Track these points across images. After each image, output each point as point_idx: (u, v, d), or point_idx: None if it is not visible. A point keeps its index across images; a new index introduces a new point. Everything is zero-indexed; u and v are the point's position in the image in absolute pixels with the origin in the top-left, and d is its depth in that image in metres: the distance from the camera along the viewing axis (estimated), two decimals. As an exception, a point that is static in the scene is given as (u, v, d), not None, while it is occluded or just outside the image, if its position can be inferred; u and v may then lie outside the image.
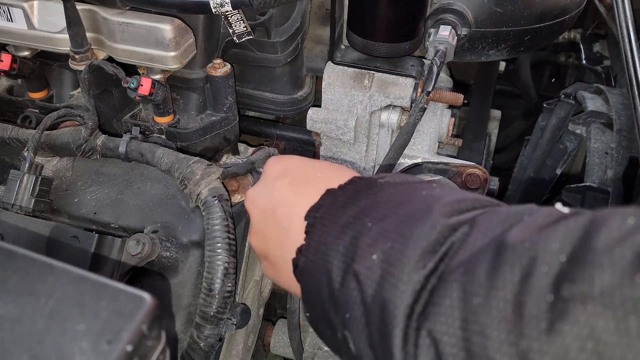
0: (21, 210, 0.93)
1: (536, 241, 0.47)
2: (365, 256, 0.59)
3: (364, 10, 1.02)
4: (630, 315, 0.40)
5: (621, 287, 0.41)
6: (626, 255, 0.41)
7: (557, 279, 0.44)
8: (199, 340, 0.87)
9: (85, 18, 0.99)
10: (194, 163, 0.93)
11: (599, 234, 0.44)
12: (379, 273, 0.57)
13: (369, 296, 0.57)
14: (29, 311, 0.56)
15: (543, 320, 0.43)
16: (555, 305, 0.43)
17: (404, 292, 0.53)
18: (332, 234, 0.64)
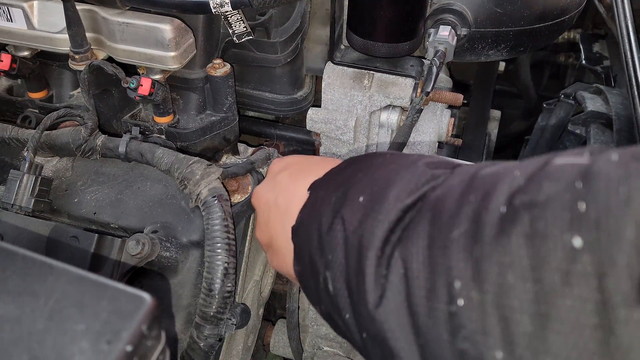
0: (21, 210, 0.93)
1: (502, 171, 0.52)
2: (353, 200, 0.64)
3: (363, 10, 1.02)
4: (573, 223, 0.43)
5: (563, 192, 0.45)
6: (573, 172, 0.45)
7: (512, 193, 0.48)
8: (199, 340, 0.87)
9: (85, 18, 0.99)
10: (193, 163, 0.93)
11: (555, 159, 0.49)
12: (362, 212, 0.61)
13: (350, 233, 0.61)
14: (29, 311, 0.55)
15: (495, 227, 0.47)
16: (507, 214, 0.47)
17: (382, 222, 0.58)
18: (327, 191, 0.69)
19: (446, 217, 0.53)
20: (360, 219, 0.61)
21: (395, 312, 0.54)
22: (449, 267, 0.50)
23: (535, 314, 0.44)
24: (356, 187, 0.66)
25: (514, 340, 0.45)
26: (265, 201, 0.83)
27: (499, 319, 0.46)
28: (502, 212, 0.48)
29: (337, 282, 0.63)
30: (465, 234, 0.50)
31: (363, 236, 0.60)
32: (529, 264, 0.44)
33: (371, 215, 0.60)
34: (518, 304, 0.44)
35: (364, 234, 0.60)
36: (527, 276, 0.44)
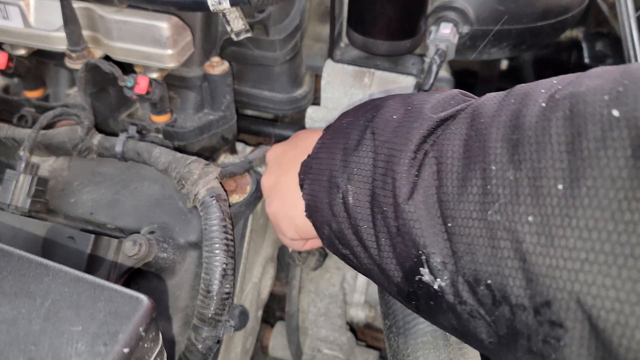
0: (17, 211, 0.92)
1: (541, 82, 0.56)
2: (386, 118, 0.67)
3: (364, 7, 1.01)
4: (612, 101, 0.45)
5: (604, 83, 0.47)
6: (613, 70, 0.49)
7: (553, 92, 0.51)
8: (197, 342, 0.86)
9: (81, 16, 0.98)
10: (191, 163, 0.92)
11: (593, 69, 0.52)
12: (396, 125, 0.65)
13: (381, 143, 0.65)
14: (25, 313, 0.55)
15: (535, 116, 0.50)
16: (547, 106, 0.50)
17: (417, 129, 0.61)
18: (356, 115, 0.75)
19: (485, 118, 0.55)
20: (392, 130, 0.64)
21: (424, 203, 0.57)
22: (485, 154, 0.52)
23: (567, 178, 0.45)
24: (388, 108, 0.68)
25: (546, 202, 0.46)
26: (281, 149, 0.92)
27: (531, 188, 0.48)
28: (543, 106, 0.50)
29: (359, 194, 0.66)
30: (504, 127, 0.52)
31: (395, 143, 0.62)
32: (566, 139, 0.46)
33: (405, 126, 0.63)
34: (552, 172, 0.46)
35: (396, 141, 0.62)
36: (563, 149, 0.46)
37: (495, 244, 0.50)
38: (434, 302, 0.58)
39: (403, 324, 0.80)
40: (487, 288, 0.51)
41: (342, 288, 1.39)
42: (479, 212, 0.51)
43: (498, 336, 0.53)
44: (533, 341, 0.49)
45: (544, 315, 0.47)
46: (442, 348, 0.77)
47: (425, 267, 0.57)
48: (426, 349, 0.77)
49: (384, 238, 0.62)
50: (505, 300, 0.50)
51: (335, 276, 1.39)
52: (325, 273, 1.39)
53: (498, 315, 0.51)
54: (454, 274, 0.54)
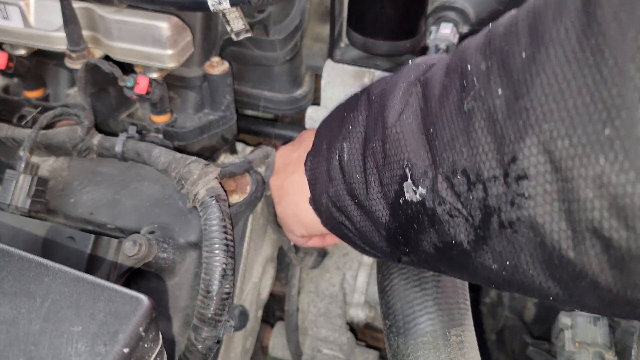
0: (17, 211, 0.92)
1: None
2: (382, 81, 0.74)
3: (364, 7, 1.01)
4: None
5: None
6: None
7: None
8: (197, 342, 0.86)
9: (81, 16, 0.98)
10: (191, 163, 0.92)
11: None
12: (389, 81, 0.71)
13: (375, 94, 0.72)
14: (25, 313, 0.55)
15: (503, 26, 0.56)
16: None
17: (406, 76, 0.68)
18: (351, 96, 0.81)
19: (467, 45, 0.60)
20: (385, 83, 0.72)
21: (410, 122, 0.63)
22: (463, 62, 0.57)
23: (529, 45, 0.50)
24: (386, 78, 0.75)
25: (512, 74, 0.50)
26: (287, 150, 0.98)
27: (500, 69, 0.52)
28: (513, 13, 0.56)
29: (352, 148, 0.72)
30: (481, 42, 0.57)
31: (386, 89, 0.69)
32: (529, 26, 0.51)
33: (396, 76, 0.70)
34: (517, 48, 0.51)
35: (388, 88, 0.69)
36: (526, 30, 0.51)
37: (470, 129, 0.54)
38: (416, 222, 0.63)
39: (403, 324, 0.80)
40: (463, 174, 0.55)
41: (342, 288, 1.39)
42: (457, 109, 0.56)
43: (474, 228, 0.56)
44: (503, 211, 0.52)
45: (511, 175, 0.50)
46: (442, 348, 0.77)
47: (409, 179, 0.62)
48: (426, 349, 0.77)
49: (373, 178, 0.68)
50: (479, 179, 0.54)
51: (335, 276, 1.39)
52: (325, 273, 1.39)
53: (472, 200, 0.55)
54: (433, 178, 0.59)
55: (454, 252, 0.60)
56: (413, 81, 0.66)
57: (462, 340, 0.78)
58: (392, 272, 0.85)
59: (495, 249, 0.55)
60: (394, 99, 0.66)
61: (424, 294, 0.81)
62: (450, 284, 0.82)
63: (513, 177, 0.50)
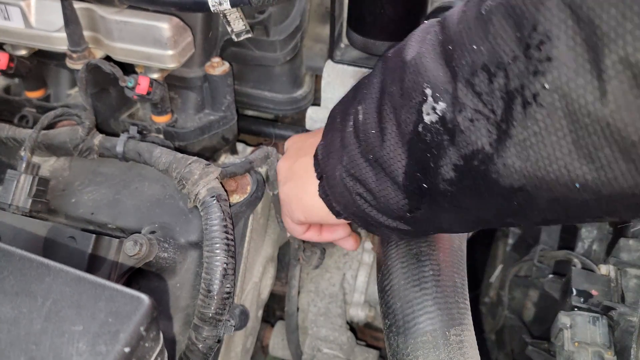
0: (18, 211, 0.92)
1: None
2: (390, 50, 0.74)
3: (364, 8, 1.01)
4: None
5: None
6: None
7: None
8: (197, 341, 0.86)
9: (82, 17, 0.99)
10: (192, 163, 0.92)
11: None
12: (398, 47, 0.71)
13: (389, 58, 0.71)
14: (26, 312, 0.55)
15: None
16: None
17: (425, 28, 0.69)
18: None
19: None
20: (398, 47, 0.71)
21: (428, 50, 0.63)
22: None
23: None
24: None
25: None
26: (302, 136, 0.97)
27: None
28: None
29: (367, 107, 0.72)
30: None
31: (401, 45, 0.70)
32: None
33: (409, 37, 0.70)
34: None
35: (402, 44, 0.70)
36: None
37: (489, 25, 0.55)
38: (435, 147, 0.63)
39: (403, 323, 0.80)
40: (483, 69, 0.56)
41: (342, 288, 1.39)
42: (475, 17, 0.57)
43: (496, 125, 0.56)
44: (526, 87, 0.53)
45: (532, 45, 0.51)
46: (441, 347, 0.77)
47: (430, 98, 0.62)
48: (426, 348, 0.77)
49: (389, 124, 0.68)
50: (500, 67, 0.54)
51: (335, 276, 1.39)
52: (325, 273, 1.39)
53: (494, 92, 0.55)
54: (454, 88, 0.59)
55: (476, 162, 0.60)
56: (428, 26, 0.67)
57: (461, 340, 0.79)
58: (392, 272, 0.85)
59: (519, 138, 0.55)
60: (411, 42, 0.67)
61: (424, 293, 0.81)
62: (450, 283, 0.83)
63: (534, 46, 0.51)
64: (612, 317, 1.00)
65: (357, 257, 1.39)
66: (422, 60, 0.63)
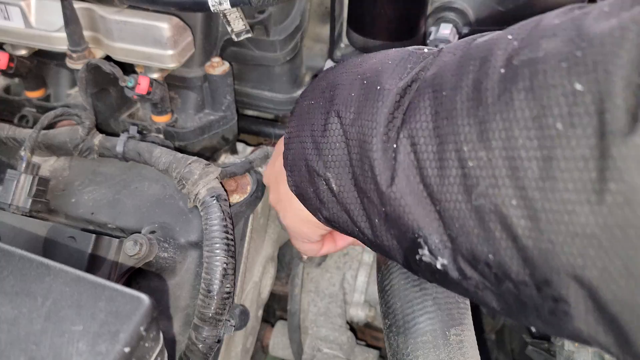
0: (18, 211, 0.92)
1: (496, 37, 0.53)
2: (344, 96, 0.64)
3: (364, 8, 1.01)
4: (571, 70, 0.44)
5: (560, 46, 0.45)
6: (568, 25, 0.47)
7: (510, 55, 0.49)
8: (197, 341, 0.86)
9: (82, 16, 0.99)
10: (192, 163, 0.92)
11: (547, 18, 0.50)
12: (357, 104, 0.62)
13: (348, 126, 0.62)
14: (26, 312, 0.55)
15: (496, 88, 0.48)
16: (507, 74, 0.48)
17: (381, 109, 0.59)
18: (313, 97, 0.70)
19: (447, 89, 0.53)
20: (356, 110, 0.62)
21: (408, 187, 0.56)
22: (456, 134, 0.51)
23: (541, 158, 0.45)
24: (344, 85, 0.66)
25: (525, 184, 0.46)
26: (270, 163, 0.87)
27: (508, 170, 0.47)
28: (502, 72, 0.49)
29: (341, 179, 0.64)
30: (468, 100, 0.51)
31: (363, 126, 0.60)
32: (532, 115, 0.46)
33: (367, 104, 0.61)
34: (525, 154, 0.46)
35: (364, 123, 0.61)
36: (531, 126, 0.46)
37: (486, 227, 0.50)
38: (440, 277, 0.58)
39: (403, 323, 0.80)
40: (487, 266, 0.51)
41: (342, 287, 1.39)
42: (463, 195, 0.51)
43: (507, 305, 0.53)
44: (541, 312, 0.50)
45: (546, 292, 0.47)
46: (441, 347, 0.77)
47: (425, 248, 0.57)
48: (426, 348, 0.77)
49: (377, 219, 0.62)
50: (507, 277, 0.50)
51: (336, 276, 1.39)
52: (326, 273, 1.39)
53: (503, 290, 0.52)
54: (454, 252, 0.54)
55: (485, 307, 0.58)
56: (392, 120, 0.58)
57: (461, 340, 0.79)
58: (392, 272, 0.85)
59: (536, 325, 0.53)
60: (377, 151, 0.58)
61: (424, 293, 0.81)
62: (450, 284, 0.82)
63: (549, 296, 0.48)
64: (612, 317, 0.99)
65: (357, 257, 1.39)
66: (404, 199, 0.57)
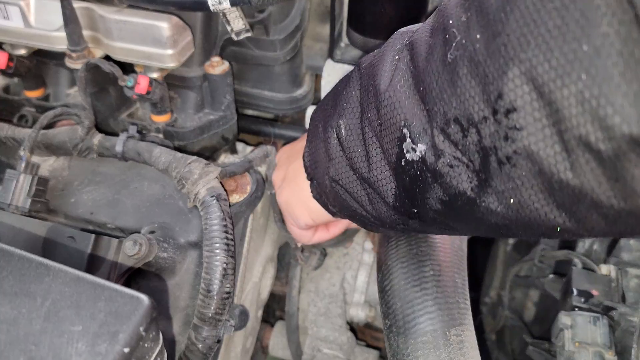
0: (17, 211, 0.92)
1: None
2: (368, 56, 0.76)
3: (364, 7, 1.01)
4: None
5: None
6: None
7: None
8: (197, 341, 0.86)
9: (82, 16, 0.98)
10: (191, 162, 0.92)
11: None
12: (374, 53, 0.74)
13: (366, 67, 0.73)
14: (25, 312, 0.55)
15: None
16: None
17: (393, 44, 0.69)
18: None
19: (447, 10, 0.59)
20: (374, 56, 0.73)
21: (401, 84, 0.63)
22: (444, 17, 0.59)
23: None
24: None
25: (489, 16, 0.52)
26: (290, 145, 0.97)
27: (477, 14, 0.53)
28: None
29: (350, 124, 0.72)
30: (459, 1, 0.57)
31: (374, 61, 0.71)
32: None
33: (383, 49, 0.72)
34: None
35: (377, 58, 0.70)
36: None
37: (455, 77, 0.55)
38: (420, 181, 0.63)
39: (403, 323, 0.80)
40: (456, 122, 0.56)
41: (342, 288, 1.39)
42: (442, 62, 0.57)
43: (475, 173, 0.57)
44: (499, 149, 0.53)
45: (499, 111, 0.51)
46: (442, 347, 0.77)
47: (408, 139, 0.62)
48: (426, 348, 0.77)
49: (373, 147, 0.69)
50: (471, 123, 0.55)
51: (336, 276, 1.39)
52: (326, 273, 1.39)
53: (469, 145, 0.56)
54: (431, 133, 0.59)
55: (460, 202, 0.61)
56: (400, 47, 0.66)
57: (462, 340, 0.79)
58: (392, 272, 0.85)
59: (498, 189, 0.56)
60: (383, 66, 0.67)
61: (424, 293, 0.81)
62: (450, 283, 0.83)
63: (502, 113, 0.51)
64: (612, 317, 1.00)
65: (357, 257, 1.39)
66: (396, 96, 0.64)
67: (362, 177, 0.72)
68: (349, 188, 0.75)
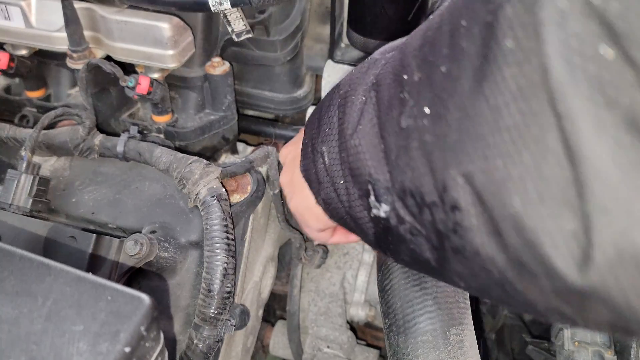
0: (19, 210, 0.92)
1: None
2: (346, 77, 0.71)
3: (364, 8, 1.01)
4: None
5: None
6: None
7: None
8: (198, 341, 0.86)
9: (83, 16, 0.99)
10: (192, 162, 0.92)
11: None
12: (353, 74, 0.68)
13: (342, 94, 0.67)
14: (26, 312, 0.55)
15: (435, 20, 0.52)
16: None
17: (367, 71, 0.65)
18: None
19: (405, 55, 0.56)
20: (350, 79, 0.68)
21: (366, 132, 0.59)
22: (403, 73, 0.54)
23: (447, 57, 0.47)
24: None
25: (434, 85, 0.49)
26: (292, 144, 0.91)
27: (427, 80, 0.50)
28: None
29: (331, 152, 0.68)
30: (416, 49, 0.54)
31: (350, 89, 0.66)
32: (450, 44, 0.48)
33: (360, 72, 0.66)
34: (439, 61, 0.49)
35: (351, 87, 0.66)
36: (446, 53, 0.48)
37: (408, 148, 0.52)
38: (390, 235, 0.60)
39: (403, 322, 0.80)
40: (411, 195, 0.53)
41: (342, 287, 1.39)
42: (398, 123, 0.54)
43: (435, 249, 0.54)
44: (450, 238, 0.50)
45: (447, 203, 0.48)
46: (442, 347, 0.77)
47: (372, 195, 0.59)
48: (426, 347, 0.77)
49: (350, 184, 0.65)
50: (424, 202, 0.52)
51: (336, 275, 1.39)
52: (326, 272, 1.40)
53: (425, 222, 0.53)
54: (392, 194, 0.56)
55: (426, 266, 0.59)
56: (370, 85, 0.62)
57: (461, 339, 0.79)
58: (392, 272, 0.85)
59: (457, 270, 0.53)
60: (353, 104, 0.63)
61: (424, 293, 0.81)
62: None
63: (449, 206, 0.49)
64: (612, 317, 0.99)
65: (358, 256, 1.39)
66: (362, 145, 0.60)
67: (346, 210, 0.70)
68: (338, 213, 0.73)
